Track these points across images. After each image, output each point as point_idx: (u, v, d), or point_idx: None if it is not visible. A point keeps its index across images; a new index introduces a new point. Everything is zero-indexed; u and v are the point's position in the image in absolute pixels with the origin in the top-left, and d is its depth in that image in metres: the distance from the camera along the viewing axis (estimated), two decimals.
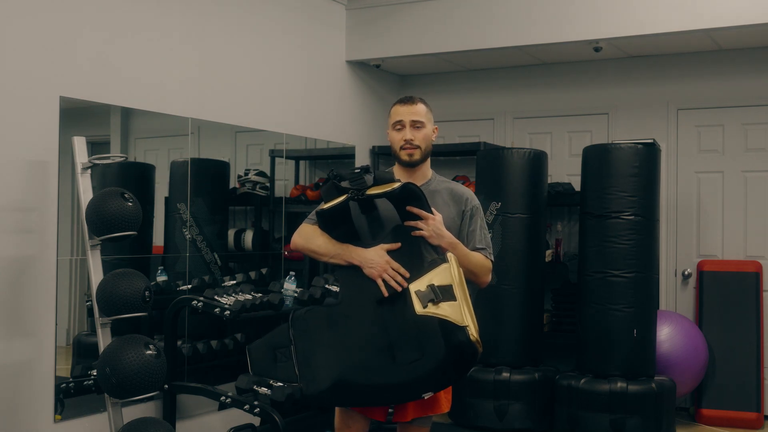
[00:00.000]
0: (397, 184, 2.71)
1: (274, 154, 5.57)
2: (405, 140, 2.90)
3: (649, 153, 5.21)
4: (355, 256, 2.75)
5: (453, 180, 6.33)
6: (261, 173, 5.48)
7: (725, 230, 5.89)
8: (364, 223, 2.85)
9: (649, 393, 4.94)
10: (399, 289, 2.67)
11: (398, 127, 2.93)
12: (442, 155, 6.63)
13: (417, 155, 2.92)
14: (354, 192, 2.73)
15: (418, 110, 2.94)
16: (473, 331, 2.58)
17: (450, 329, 2.58)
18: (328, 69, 5.99)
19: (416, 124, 2.92)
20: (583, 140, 6.12)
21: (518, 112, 6.52)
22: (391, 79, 6.77)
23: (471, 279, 2.89)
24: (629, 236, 5.09)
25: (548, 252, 5.95)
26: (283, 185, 5.69)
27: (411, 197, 2.76)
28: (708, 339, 5.61)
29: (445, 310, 2.59)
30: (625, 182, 5.12)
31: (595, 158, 5.30)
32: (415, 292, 2.63)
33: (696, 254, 5.97)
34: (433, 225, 2.76)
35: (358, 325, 2.69)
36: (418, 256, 2.75)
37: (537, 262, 5.52)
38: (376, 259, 2.71)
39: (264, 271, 5.25)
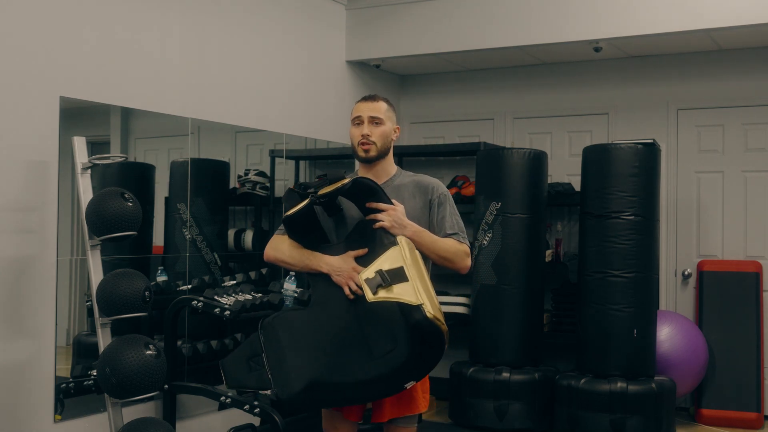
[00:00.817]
0: (347, 180, 2.72)
1: (274, 154, 5.57)
2: (362, 135, 2.91)
3: (649, 153, 5.21)
4: (323, 264, 2.76)
5: (453, 180, 6.36)
6: (261, 173, 5.48)
7: (725, 230, 5.89)
8: (331, 225, 2.87)
9: (649, 393, 4.94)
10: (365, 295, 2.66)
11: (357, 122, 2.95)
12: (442, 155, 6.63)
13: (373, 151, 2.91)
14: (314, 196, 2.74)
15: (378, 107, 2.95)
16: (429, 308, 2.53)
17: (408, 311, 2.54)
18: (328, 69, 5.99)
19: (375, 120, 2.93)
20: (583, 140, 6.12)
21: (518, 112, 6.52)
22: (391, 79, 6.77)
23: (448, 266, 2.88)
24: (629, 236, 5.09)
25: (548, 252, 5.95)
26: (283, 185, 5.69)
27: (365, 191, 2.76)
28: (708, 339, 5.61)
29: (396, 292, 2.56)
30: (625, 182, 5.12)
31: (595, 158, 5.30)
32: (364, 280, 2.61)
33: (696, 254, 5.97)
34: (394, 215, 2.74)
35: (330, 324, 2.68)
36: (381, 249, 2.73)
37: (537, 262, 5.52)
38: (342, 267, 2.72)
39: (264, 271, 5.25)
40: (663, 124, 6.04)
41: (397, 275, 2.59)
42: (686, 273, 5.96)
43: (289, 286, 4.48)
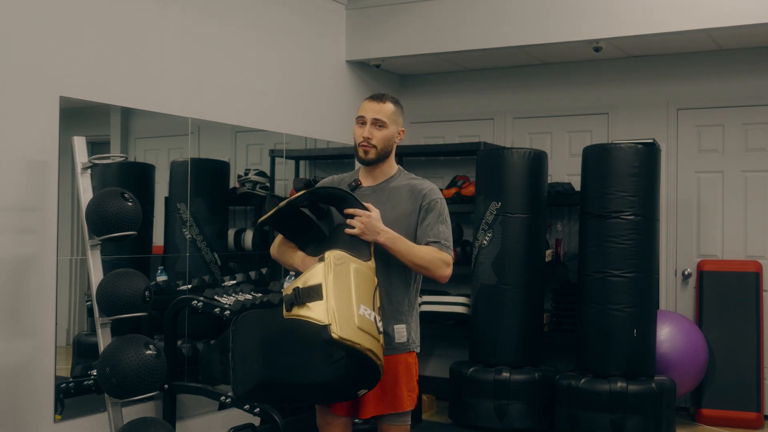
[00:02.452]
0: (301, 193, 2.75)
1: (274, 154, 5.57)
2: (363, 137, 2.90)
3: (649, 153, 5.21)
4: (300, 263, 2.83)
5: (453, 180, 6.36)
6: (261, 173, 5.48)
7: (725, 230, 5.89)
8: (324, 225, 2.92)
9: (649, 393, 4.94)
10: None
11: (360, 122, 2.94)
12: (442, 155, 6.63)
13: (372, 154, 2.90)
14: (278, 205, 2.79)
15: (384, 109, 2.92)
16: (336, 329, 2.49)
17: (316, 329, 2.54)
18: (328, 69, 5.99)
19: (378, 123, 2.90)
20: (583, 140, 6.12)
21: (518, 112, 6.52)
22: (391, 79, 6.77)
23: (425, 274, 2.86)
24: (629, 236, 5.09)
25: (548, 252, 5.95)
26: (283, 185, 5.69)
27: (334, 199, 2.79)
28: (708, 339, 5.61)
29: (308, 310, 2.56)
30: (625, 182, 5.12)
31: (595, 158, 5.30)
32: (283, 296, 2.63)
33: (696, 254, 5.97)
34: (367, 222, 2.73)
35: (294, 325, 2.67)
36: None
37: (537, 262, 5.52)
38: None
39: (264, 271, 5.25)
40: (663, 124, 6.04)
41: (313, 293, 2.57)
42: (686, 273, 5.96)
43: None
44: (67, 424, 3.99)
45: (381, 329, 2.65)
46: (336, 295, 2.57)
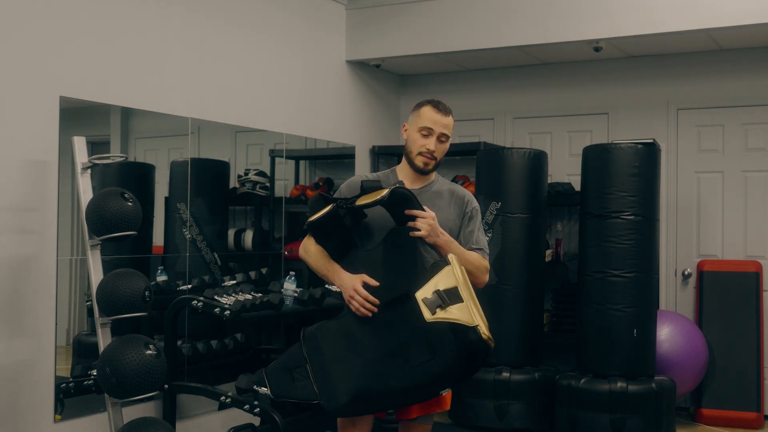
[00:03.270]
0: (385, 192, 2.72)
1: (274, 154, 5.57)
2: (428, 149, 2.93)
3: (649, 153, 5.21)
4: (336, 279, 2.83)
5: (453, 180, 6.36)
6: (261, 173, 5.48)
7: (725, 230, 5.89)
8: (357, 230, 2.89)
9: (649, 393, 4.94)
10: (368, 314, 2.72)
11: (425, 132, 2.95)
12: None
13: (431, 166, 2.97)
14: (342, 202, 2.76)
15: (449, 124, 2.99)
16: (484, 329, 2.62)
17: (462, 331, 2.60)
18: (328, 69, 5.99)
19: (443, 137, 2.96)
20: (583, 140, 6.12)
21: (518, 112, 6.52)
22: (391, 79, 6.77)
23: (469, 279, 2.90)
24: (629, 236, 5.09)
25: (548, 252, 5.95)
26: (283, 185, 5.69)
27: (402, 201, 2.78)
28: (708, 339, 5.61)
29: (453, 313, 2.61)
30: (625, 182, 5.12)
31: (595, 158, 5.30)
32: (422, 300, 2.64)
33: (696, 254, 5.97)
34: (433, 223, 2.77)
35: (368, 332, 2.72)
36: (418, 258, 2.77)
37: (537, 262, 5.52)
38: (347, 285, 2.77)
39: (264, 271, 5.25)
40: (663, 124, 6.04)
41: (453, 296, 2.65)
42: (686, 273, 5.96)
43: (289, 286, 4.48)
44: (67, 424, 3.99)
45: None
46: (469, 295, 2.66)
